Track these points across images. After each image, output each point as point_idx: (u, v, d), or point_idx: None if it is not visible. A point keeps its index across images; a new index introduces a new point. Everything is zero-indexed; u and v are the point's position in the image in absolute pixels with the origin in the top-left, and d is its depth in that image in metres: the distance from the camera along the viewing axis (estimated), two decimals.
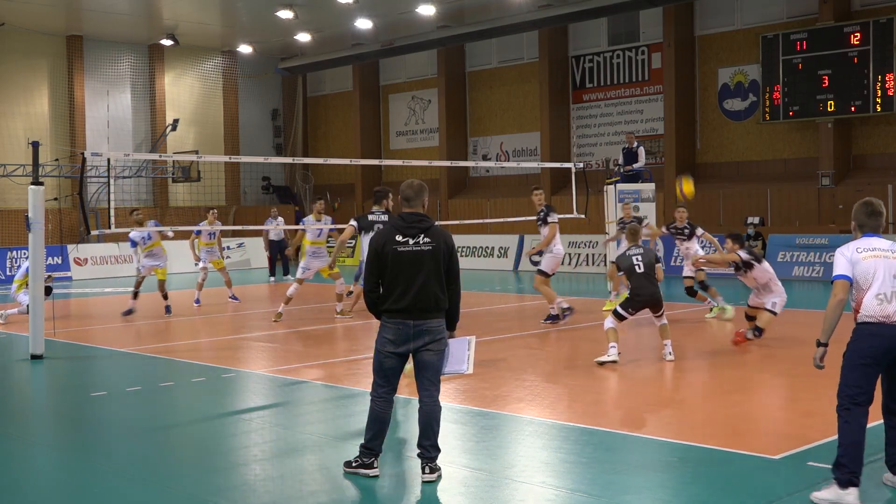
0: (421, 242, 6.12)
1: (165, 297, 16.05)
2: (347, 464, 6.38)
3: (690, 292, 14.46)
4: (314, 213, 16.27)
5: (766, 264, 11.70)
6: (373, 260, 6.18)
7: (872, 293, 5.53)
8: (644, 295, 10.43)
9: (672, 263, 22.73)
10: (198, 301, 17.42)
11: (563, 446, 7.13)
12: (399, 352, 6.18)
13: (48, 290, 12.56)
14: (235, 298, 17.76)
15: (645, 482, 6.15)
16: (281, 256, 24.14)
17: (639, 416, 8.16)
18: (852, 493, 5.42)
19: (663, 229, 15.60)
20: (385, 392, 6.25)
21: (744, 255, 11.56)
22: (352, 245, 26.78)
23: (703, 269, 14.31)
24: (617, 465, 6.55)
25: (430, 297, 6.11)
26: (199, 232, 18.13)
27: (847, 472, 5.44)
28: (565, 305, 13.88)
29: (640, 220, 16.06)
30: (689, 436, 7.32)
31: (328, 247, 16.47)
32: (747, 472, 6.31)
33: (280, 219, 24.15)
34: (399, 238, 6.12)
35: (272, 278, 23.69)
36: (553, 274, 13.82)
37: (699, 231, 14.69)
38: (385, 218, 11.42)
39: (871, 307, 5.53)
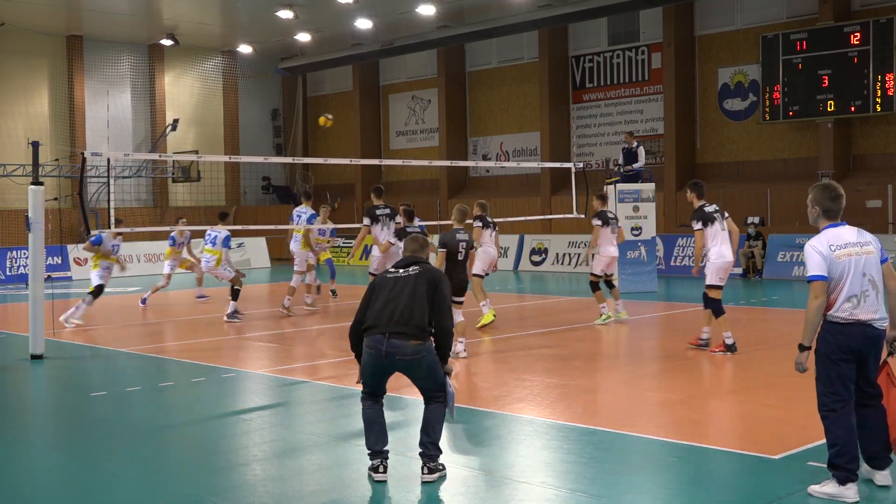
0: (410, 271, 6.38)
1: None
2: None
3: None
4: (322, 218, 16.95)
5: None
6: (367, 293, 6.42)
7: (844, 295, 5.55)
8: None
9: (672, 263, 22.75)
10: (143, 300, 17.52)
11: (563, 446, 7.13)
12: (376, 373, 6.27)
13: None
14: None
15: (645, 482, 6.15)
16: None
17: (639, 416, 8.15)
18: (851, 488, 5.51)
19: None
20: (372, 402, 6.37)
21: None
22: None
23: None
24: (617, 465, 6.55)
25: (407, 311, 6.15)
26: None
27: (844, 469, 5.51)
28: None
29: None
30: (689, 436, 7.32)
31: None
32: (747, 472, 6.31)
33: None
34: (391, 269, 6.47)
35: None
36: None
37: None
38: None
39: (844, 309, 5.56)
